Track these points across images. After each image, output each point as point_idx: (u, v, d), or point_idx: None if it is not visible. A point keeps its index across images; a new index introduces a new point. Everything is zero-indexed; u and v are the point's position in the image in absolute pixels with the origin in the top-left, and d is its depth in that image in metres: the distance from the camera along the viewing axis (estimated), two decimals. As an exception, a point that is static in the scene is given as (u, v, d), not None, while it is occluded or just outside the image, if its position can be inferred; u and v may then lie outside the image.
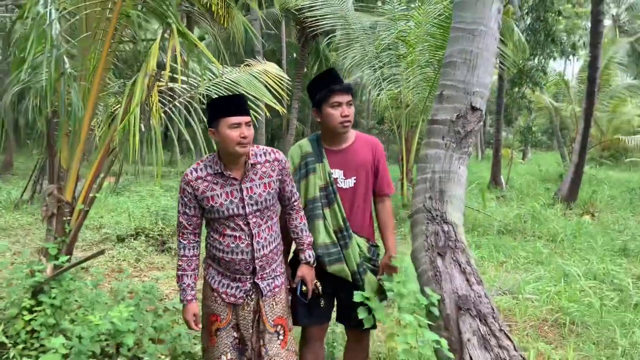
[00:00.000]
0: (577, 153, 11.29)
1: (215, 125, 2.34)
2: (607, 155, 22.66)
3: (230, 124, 2.28)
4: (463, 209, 3.04)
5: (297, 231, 2.63)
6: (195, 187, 2.37)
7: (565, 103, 20.04)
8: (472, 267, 2.76)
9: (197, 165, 2.41)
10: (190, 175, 2.39)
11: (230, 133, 2.28)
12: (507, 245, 7.12)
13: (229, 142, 2.29)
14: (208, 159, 2.42)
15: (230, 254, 2.40)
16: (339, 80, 2.66)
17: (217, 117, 2.32)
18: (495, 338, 2.51)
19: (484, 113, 3.08)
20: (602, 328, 4.21)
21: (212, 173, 2.39)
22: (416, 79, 9.25)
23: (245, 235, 2.40)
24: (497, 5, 2.99)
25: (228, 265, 2.43)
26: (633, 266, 6.20)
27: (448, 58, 3.07)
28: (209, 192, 2.37)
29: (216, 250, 2.43)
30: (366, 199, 2.78)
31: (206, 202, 2.37)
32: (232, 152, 2.32)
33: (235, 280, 2.45)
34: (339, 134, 2.70)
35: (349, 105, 2.64)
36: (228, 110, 2.31)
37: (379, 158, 2.81)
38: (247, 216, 2.40)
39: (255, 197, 2.41)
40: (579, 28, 26.29)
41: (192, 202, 2.40)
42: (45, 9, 2.95)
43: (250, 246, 2.41)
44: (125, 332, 2.75)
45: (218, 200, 2.37)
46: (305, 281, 2.63)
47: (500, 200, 11.57)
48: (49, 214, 3.40)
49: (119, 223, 7.90)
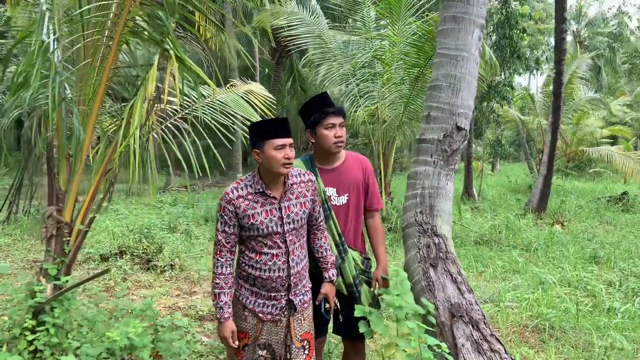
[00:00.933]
0: (545, 165, 11.74)
1: (260, 146, 2.42)
2: (573, 166, 23.44)
3: (275, 145, 2.38)
4: (451, 222, 3.24)
5: (322, 250, 2.73)
6: (237, 205, 2.43)
7: (532, 116, 20.73)
8: (463, 277, 2.96)
9: (237, 185, 2.49)
10: (231, 193, 2.45)
11: (275, 154, 2.38)
12: (484, 255, 7.39)
13: (274, 162, 2.39)
14: (248, 179, 2.51)
15: (268, 272, 2.47)
16: (331, 104, 2.82)
17: (262, 138, 2.41)
18: (488, 342, 2.70)
19: (468, 132, 3.30)
20: (579, 332, 4.46)
21: (252, 192, 2.46)
22: (392, 96, 9.53)
23: (282, 253, 2.48)
24: (478, 33, 3.23)
25: (264, 283, 2.50)
26: (604, 272, 6.53)
27: (434, 82, 3.29)
28: (250, 210, 2.43)
29: (252, 269, 2.50)
30: (358, 214, 2.93)
31: (247, 220, 2.43)
32: (275, 172, 2.41)
33: (271, 298, 2.52)
34: (332, 154, 2.85)
35: (341, 126, 2.79)
36: (274, 132, 2.40)
37: (368, 175, 2.96)
38: (285, 234, 2.48)
39: (292, 215, 2.50)
40: (541, 44, 27.25)
41: (232, 220, 2.45)
42: (48, 39, 3.05)
43: (287, 263, 2.49)
44: (142, 347, 2.83)
45: (258, 218, 2.44)
46: (328, 299, 2.73)
47: (474, 212, 11.92)
48: (49, 235, 3.46)
49: (100, 242, 7.87)
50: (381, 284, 2.90)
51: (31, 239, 8.12)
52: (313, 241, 2.72)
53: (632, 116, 28.50)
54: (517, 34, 13.64)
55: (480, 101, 15.47)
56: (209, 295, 5.55)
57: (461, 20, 3.21)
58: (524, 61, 14.61)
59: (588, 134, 21.15)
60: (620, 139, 25.60)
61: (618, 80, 33.39)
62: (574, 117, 19.97)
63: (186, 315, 4.80)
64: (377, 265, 2.96)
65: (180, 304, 5.20)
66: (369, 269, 2.99)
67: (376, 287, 2.90)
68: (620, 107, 27.02)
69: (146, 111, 3.42)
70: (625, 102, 28.12)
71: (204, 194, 15.17)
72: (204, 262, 6.93)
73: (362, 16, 9.68)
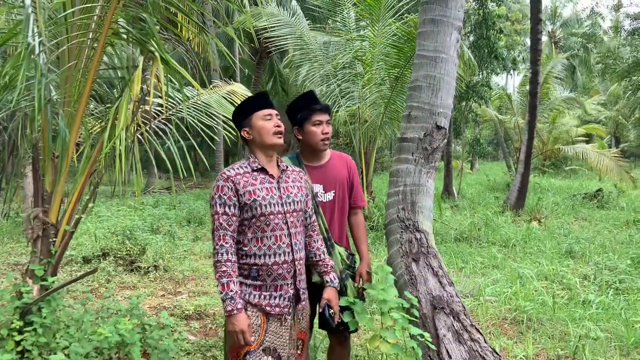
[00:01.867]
0: (523, 163, 12.00)
1: (247, 123, 2.42)
2: (549, 164, 23.92)
3: (263, 115, 2.39)
4: (432, 218, 3.35)
5: (319, 253, 2.62)
6: (237, 181, 2.35)
7: (509, 115, 21.12)
8: (443, 270, 3.06)
9: (231, 166, 2.43)
10: (228, 172, 2.38)
11: (265, 124, 2.38)
12: (464, 251, 7.55)
13: (265, 132, 2.38)
14: (241, 163, 2.46)
15: (273, 257, 2.36)
16: (318, 102, 2.89)
17: (248, 114, 2.42)
18: (468, 332, 2.80)
19: (448, 131, 3.42)
20: (556, 323, 4.61)
21: (249, 171, 2.41)
22: (373, 96, 9.65)
23: (284, 235, 2.39)
24: (456, 35, 3.34)
25: (270, 271, 2.37)
26: (579, 266, 6.73)
27: (414, 82, 3.39)
28: (249, 186, 2.36)
29: (255, 257, 2.37)
30: (343, 211, 2.99)
31: (248, 196, 2.34)
32: (269, 143, 2.40)
33: (277, 288, 2.39)
34: (319, 151, 2.91)
35: (328, 124, 2.86)
36: (258, 105, 2.42)
37: (353, 173, 3.04)
38: (286, 214, 2.41)
39: (292, 196, 2.45)
40: (518, 44, 27.75)
41: (232, 199, 2.34)
42: (34, 41, 3.07)
43: (290, 246, 2.40)
44: (132, 343, 2.87)
45: (260, 194, 2.36)
46: (331, 304, 2.61)
47: (454, 210, 12.13)
48: (35, 236, 3.48)
49: (82, 244, 7.84)
50: (365, 278, 2.96)
51: (11, 242, 8.04)
52: (309, 244, 2.62)
53: (606, 115, 29.25)
54: (494, 34, 13.91)
55: (459, 101, 15.71)
56: (195, 295, 5.59)
57: (440, 22, 3.32)
58: (501, 61, 14.86)
59: (564, 132, 21.63)
60: (595, 137, 26.24)
61: (592, 79, 34.20)
62: (550, 116, 20.41)
63: (172, 314, 4.83)
64: (360, 260, 3.03)
65: (166, 304, 5.23)
66: (354, 264, 3.04)
67: (360, 282, 2.96)
68: (595, 106, 27.71)
69: (131, 112, 3.46)
70: (600, 101, 28.86)
71: (186, 195, 15.13)
72: (187, 263, 6.95)
73: (343, 17, 9.78)
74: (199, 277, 6.35)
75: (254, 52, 17.74)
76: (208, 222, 10.80)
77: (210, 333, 4.50)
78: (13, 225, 9.15)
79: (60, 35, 3.48)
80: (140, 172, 3.99)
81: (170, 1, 3.45)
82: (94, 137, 3.96)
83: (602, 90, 32.50)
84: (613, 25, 27.28)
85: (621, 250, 7.53)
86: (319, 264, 2.62)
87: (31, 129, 3.37)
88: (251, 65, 19.57)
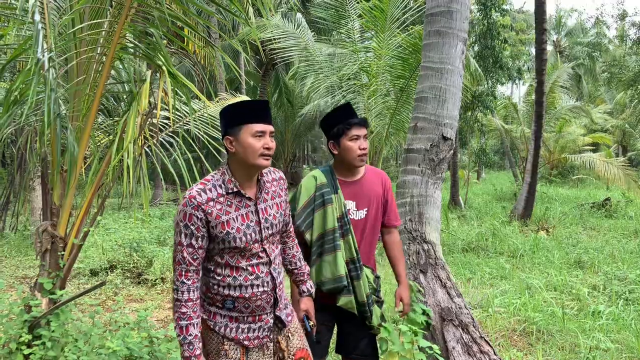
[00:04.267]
0: (530, 172, 11.95)
1: (234, 132, 2.02)
2: (556, 174, 23.82)
3: (254, 132, 1.99)
4: (440, 229, 3.35)
5: (295, 261, 2.40)
6: (208, 211, 1.98)
7: (515, 125, 21.08)
8: (452, 282, 3.05)
9: (203, 186, 2.03)
10: (199, 197, 1.98)
11: (253, 142, 1.99)
12: (472, 262, 7.51)
13: (250, 153, 1.99)
14: (215, 178, 2.06)
15: (251, 288, 2.07)
16: (354, 114, 2.70)
17: (237, 123, 2.01)
18: (477, 345, 2.79)
19: (454, 141, 3.42)
20: (565, 334, 4.57)
21: (223, 193, 2.03)
22: (378, 107, 9.68)
23: (263, 263, 2.09)
24: (461, 46, 3.36)
25: (247, 304, 2.08)
26: (588, 277, 6.67)
27: (420, 93, 3.41)
28: (223, 216, 2.00)
29: (229, 288, 2.06)
30: (375, 230, 2.81)
31: (221, 228, 1.99)
32: (252, 164, 2.02)
33: (256, 319, 2.12)
34: (355, 167, 2.72)
35: (365, 138, 2.67)
36: (252, 116, 2.00)
37: (388, 190, 2.85)
38: (263, 241, 2.10)
39: (270, 219, 2.13)
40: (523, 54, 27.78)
41: (200, 230, 1.98)
42: (43, 57, 3.11)
43: (270, 274, 2.12)
44: (141, 356, 2.87)
45: (234, 225, 2.02)
46: (309, 315, 2.42)
47: (461, 220, 12.08)
48: (43, 249, 3.50)
49: (89, 257, 7.86)
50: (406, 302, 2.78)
51: (19, 256, 8.07)
52: (284, 251, 2.38)
53: (612, 123, 29.12)
54: (499, 44, 13.93)
55: (465, 111, 15.72)
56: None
57: (445, 34, 3.33)
58: (506, 71, 14.88)
59: (570, 141, 21.54)
60: (601, 146, 26.11)
61: (598, 88, 34.11)
62: (556, 125, 20.36)
63: (179, 327, 4.82)
64: (399, 283, 2.85)
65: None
66: (380, 288, 2.85)
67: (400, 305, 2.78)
68: (601, 115, 27.63)
69: (139, 126, 3.48)
70: (606, 109, 28.77)
71: (192, 207, 15.14)
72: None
73: (347, 29, 9.83)
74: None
75: (259, 64, 17.87)
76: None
77: (218, 346, 4.48)
78: (22, 239, 9.19)
79: (69, 50, 3.53)
80: (148, 185, 4.01)
81: (177, 15, 3.50)
82: (101, 150, 3.99)
83: (608, 99, 32.42)
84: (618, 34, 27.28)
85: (630, 260, 7.46)
86: (295, 272, 2.42)
87: (40, 143, 3.41)
88: (257, 77, 19.70)
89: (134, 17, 3.37)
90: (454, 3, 3.36)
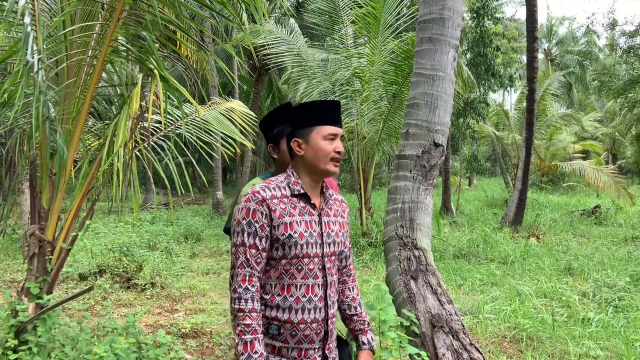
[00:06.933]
0: (521, 179, 12.02)
1: (304, 134, 1.86)
2: (547, 181, 23.96)
3: (326, 134, 1.85)
4: (431, 235, 3.35)
5: (356, 305, 2.06)
6: (272, 207, 1.80)
7: (506, 132, 21.22)
8: (442, 288, 3.05)
9: (266, 184, 1.86)
10: (263, 192, 1.81)
11: (325, 146, 1.84)
12: (463, 268, 7.52)
13: (321, 156, 1.84)
14: (279, 180, 1.89)
15: (301, 312, 1.81)
16: None
17: (309, 124, 1.86)
18: (467, 352, 2.78)
19: (445, 148, 3.43)
20: (555, 341, 4.57)
21: (288, 195, 1.85)
22: (371, 113, 9.71)
23: (319, 285, 1.86)
24: (453, 53, 3.37)
25: (295, 331, 1.81)
26: (578, 284, 6.70)
27: (412, 100, 3.41)
28: (287, 217, 1.81)
29: (276, 310, 1.82)
30: None
31: (284, 229, 1.79)
32: (322, 170, 1.85)
33: (301, 353, 1.83)
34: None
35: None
36: (326, 117, 1.87)
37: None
38: (324, 258, 1.87)
39: (333, 235, 1.91)
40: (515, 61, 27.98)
41: (265, 228, 1.79)
42: (33, 59, 3.09)
43: (324, 300, 1.86)
44: (128, 363, 2.84)
45: (297, 229, 1.81)
46: None
47: (452, 226, 12.11)
48: (31, 253, 3.46)
49: (78, 261, 7.79)
50: None
51: (8, 259, 7.99)
52: (342, 292, 2.06)
53: (602, 131, 29.38)
54: (491, 52, 14.05)
55: (457, 117, 15.82)
56: (192, 313, 5.54)
57: (437, 41, 3.35)
58: (498, 78, 15.01)
59: (561, 149, 21.69)
60: (591, 154, 26.33)
61: (588, 96, 34.44)
62: (547, 132, 20.51)
63: (168, 332, 4.78)
64: None
65: (162, 322, 5.18)
66: None
67: None
68: (591, 123, 27.88)
69: (130, 129, 3.46)
70: (596, 117, 29.02)
71: (184, 212, 15.09)
72: (185, 280, 6.91)
73: (340, 35, 9.87)
74: (196, 295, 6.30)
75: (252, 69, 17.86)
76: (206, 238, 10.76)
77: (207, 352, 4.45)
78: (10, 242, 9.10)
79: (59, 52, 3.51)
80: (139, 189, 3.99)
81: (169, 19, 3.48)
82: (92, 153, 3.96)
83: (598, 107, 32.70)
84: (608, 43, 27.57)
85: (620, 267, 7.51)
86: (354, 319, 2.04)
87: (29, 145, 3.37)
88: (250, 82, 19.70)
89: (125, 20, 3.35)
90: (446, 10, 3.37)
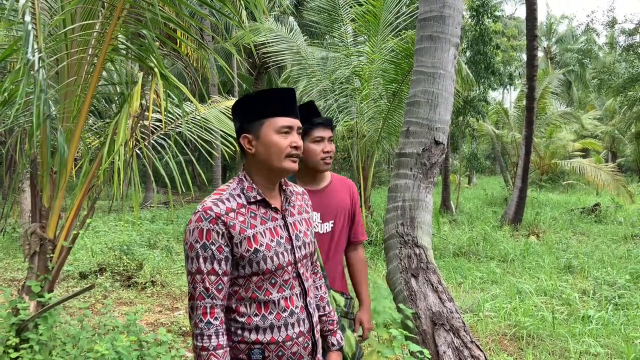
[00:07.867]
0: (520, 178, 12.02)
1: (253, 129, 1.62)
2: (546, 179, 23.96)
3: (279, 127, 1.60)
4: (431, 233, 3.35)
5: (324, 304, 1.89)
6: (230, 223, 1.55)
7: (506, 130, 21.21)
8: (443, 286, 3.05)
9: (217, 196, 1.61)
10: (216, 207, 1.56)
11: (280, 140, 1.59)
12: (463, 266, 7.53)
13: (276, 152, 1.59)
14: (231, 187, 1.64)
15: (285, 329, 1.61)
16: (319, 114, 2.42)
17: (257, 117, 1.61)
18: (468, 349, 2.79)
19: (446, 146, 3.43)
20: (555, 339, 4.58)
21: (244, 204, 1.61)
22: (371, 111, 9.70)
23: (297, 295, 1.65)
24: (453, 51, 3.37)
25: (281, 351, 1.61)
26: (578, 281, 6.71)
27: (412, 98, 3.41)
28: (249, 230, 1.58)
29: (257, 332, 1.60)
30: (339, 245, 2.52)
31: (248, 244, 1.56)
32: (277, 168, 1.62)
33: None
34: (319, 172, 2.45)
35: (330, 140, 2.41)
36: (278, 108, 1.61)
37: (355, 202, 2.58)
38: (297, 264, 1.67)
39: (301, 237, 1.71)
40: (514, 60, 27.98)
41: (223, 250, 1.55)
42: (33, 57, 3.09)
43: (305, 310, 1.67)
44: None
45: (263, 240, 1.59)
46: None
47: (452, 224, 12.11)
48: (32, 252, 3.46)
49: (79, 260, 7.80)
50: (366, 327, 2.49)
51: (8, 258, 7.99)
52: None
53: (602, 129, 29.38)
54: (491, 50, 14.03)
55: (457, 116, 15.81)
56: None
57: (437, 39, 3.35)
58: (497, 76, 15.00)
59: (560, 147, 21.70)
60: (591, 152, 26.35)
61: (588, 94, 34.43)
62: (547, 130, 20.51)
63: (169, 331, 4.79)
64: (360, 305, 2.55)
65: (163, 320, 5.19)
66: (352, 310, 2.57)
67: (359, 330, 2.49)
68: (591, 121, 27.87)
69: (130, 128, 3.46)
70: (596, 116, 29.02)
71: (184, 210, 15.10)
72: (185, 279, 6.91)
73: (340, 33, 9.86)
74: (196, 293, 6.30)
75: (252, 67, 17.86)
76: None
77: (208, 350, 4.45)
78: (10, 241, 9.10)
79: (60, 51, 3.51)
80: (139, 187, 3.99)
81: (169, 17, 3.48)
82: (92, 152, 3.97)
83: (598, 105, 32.71)
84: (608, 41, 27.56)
85: (620, 265, 7.52)
86: (322, 319, 1.87)
87: (30, 144, 3.37)
88: (249, 80, 19.69)
89: (126, 18, 3.35)
90: (446, 8, 3.37)
